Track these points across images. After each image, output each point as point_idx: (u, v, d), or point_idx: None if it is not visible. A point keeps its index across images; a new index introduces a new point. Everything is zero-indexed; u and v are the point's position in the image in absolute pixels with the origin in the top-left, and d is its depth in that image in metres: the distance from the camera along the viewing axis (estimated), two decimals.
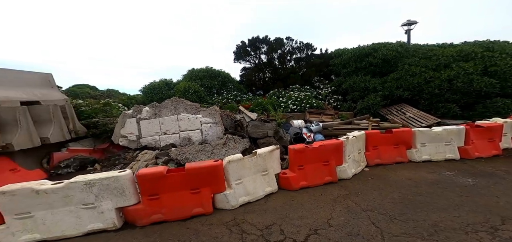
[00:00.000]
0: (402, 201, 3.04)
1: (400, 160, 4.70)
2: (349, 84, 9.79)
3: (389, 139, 4.75)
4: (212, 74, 10.33)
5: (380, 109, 8.18)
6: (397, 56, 9.28)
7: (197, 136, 4.91)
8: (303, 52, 12.55)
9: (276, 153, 3.59)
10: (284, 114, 8.04)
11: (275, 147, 3.54)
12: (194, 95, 8.37)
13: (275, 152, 3.56)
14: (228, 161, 2.94)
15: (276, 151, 3.58)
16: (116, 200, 2.19)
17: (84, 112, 5.04)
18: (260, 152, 3.32)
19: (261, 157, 3.31)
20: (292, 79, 10.80)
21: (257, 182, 3.31)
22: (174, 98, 4.90)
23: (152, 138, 4.76)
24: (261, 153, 3.31)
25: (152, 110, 4.79)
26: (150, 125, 4.74)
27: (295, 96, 8.86)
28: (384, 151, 4.69)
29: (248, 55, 12.47)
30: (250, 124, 5.21)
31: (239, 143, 4.79)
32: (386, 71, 9.26)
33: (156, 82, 9.37)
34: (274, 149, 3.53)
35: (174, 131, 4.82)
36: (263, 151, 3.37)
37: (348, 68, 10.63)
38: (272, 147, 3.54)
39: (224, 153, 4.32)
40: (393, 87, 8.05)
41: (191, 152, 4.14)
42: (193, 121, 4.86)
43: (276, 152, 3.58)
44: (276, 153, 3.60)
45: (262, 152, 3.33)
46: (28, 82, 4.04)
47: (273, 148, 3.50)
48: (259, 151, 3.35)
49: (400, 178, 3.91)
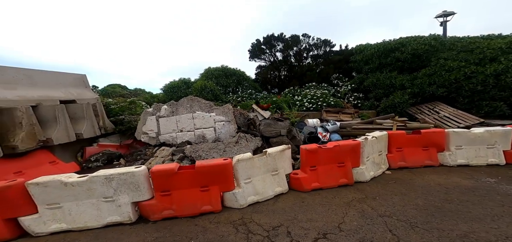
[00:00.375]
0: (427, 208, 2.73)
1: (430, 163, 4.23)
2: (371, 81, 9.14)
3: (417, 141, 4.30)
4: (227, 73, 10.51)
5: (408, 108, 7.47)
6: (430, 51, 8.40)
7: (211, 134, 5.05)
8: (321, 49, 12.04)
9: (287, 152, 3.50)
10: (299, 113, 7.83)
11: (286, 147, 3.46)
12: (210, 93, 8.61)
13: (286, 151, 3.47)
14: (237, 160, 2.96)
15: (287, 150, 3.49)
16: (132, 195, 2.35)
17: (113, 110, 5.54)
18: (270, 151, 3.27)
19: (271, 157, 3.26)
20: (309, 77, 10.45)
21: (267, 182, 3.27)
22: (190, 97, 5.10)
23: (169, 135, 5.02)
24: (271, 153, 3.26)
25: (170, 108, 5.05)
26: (168, 123, 5.01)
27: (311, 94, 8.56)
28: (410, 153, 4.27)
29: (263, 54, 12.40)
30: (263, 123, 5.17)
31: (251, 142, 4.80)
32: (416, 67, 8.47)
33: (175, 81, 9.86)
34: (285, 149, 3.45)
35: (190, 129, 5.02)
36: (274, 150, 3.31)
37: (370, 65, 9.97)
38: (283, 146, 3.46)
39: (236, 151, 4.36)
40: (425, 84, 7.27)
41: (204, 150, 4.27)
42: (207, 119, 5.00)
43: (287, 151, 3.50)
44: (288, 152, 3.52)
45: (273, 152, 3.27)
46: (65, 83, 4.60)
47: (284, 147, 3.43)
48: (269, 150, 3.30)
49: (428, 182, 3.53)
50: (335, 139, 5.42)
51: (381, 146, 4.16)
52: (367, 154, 3.82)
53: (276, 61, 12.47)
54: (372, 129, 5.91)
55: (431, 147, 4.29)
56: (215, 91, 9.00)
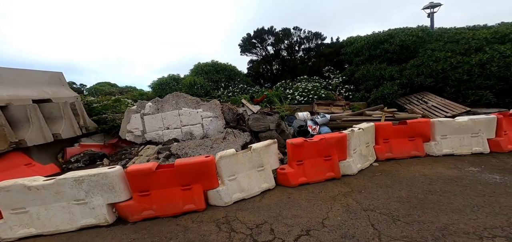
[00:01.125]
0: (410, 200, 2.74)
1: (416, 154, 4.27)
2: (362, 73, 9.16)
3: (403, 131, 4.32)
4: (218, 68, 10.28)
5: (398, 99, 7.53)
6: (418, 42, 8.45)
7: (198, 130, 4.92)
8: (312, 42, 11.93)
9: (273, 147, 3.43)
10: (291, 107, 7.77)
11: (272, 141, 3.39)
12: (200, 89, 8.42)
13: (272, 146, 3.41)
14: (220, 157, 2.87)
15: (273, 145, 3.43)
16: (107, 196, 2.24)
17: (95, 109, 5.31)
18: (255, 147, 3.19)
19: (256, 152, 3.19)
20: (300, 70, 10.35)
21: (253, 178, 3.21)
22: (175, 93, 4.93)
23: (155, 133, 4.87)
24: (256, 148, 3.18)
25: (155, 105, 4.87)
26: (153, 120, 4.84)
27: (303, 87, 8.49)
28: (397, 144, 4.29)
29: (254, 48, 12.18)
30: (251, 117, 5.08)
31: (239, 137, 4.71)
32: (404, 58, 8.53)
33: (164, 77, 9.58)
34: (271, 144, 3.38)
35: (176, 126, 4.88)
36: (259, 145, 3.23)
37: (361, 57, 10.01)
38: (269, 141, 3.39)
39: (224, 148, 4.27)
40: (413, 74, 7.32)
41: (191, 147, 4.15)
42: (194, 115, 4.86)
43: (273, 146, 3.43)
44: (274, 147, 3.45)
45: (257, 147, 3.20)
46: (39, 81, 4.34)
47: (270, 142, 3.36)
48: (254, 145, 3.22)
49: (413, 174, 3.55)
50: (325, 131, 5.40)
51: (368, 137, 4.15)
52: (354, 146, 3.80)
53: (268, 55, 12.27)
54: (361, 120, 5.92)
55: (417, 137, 4.32)
56: (205, 87, 8.80)
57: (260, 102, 7.66)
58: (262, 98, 7.90)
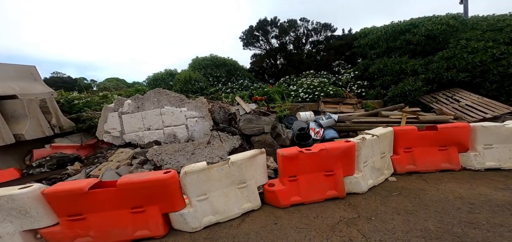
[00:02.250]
0: (442, 236, 1.98)
1: (448, 167, 3.42)
2: (377, 67, 8.17)
3: (431, 138, 3.46)
4: (217, 63, 9.72)
5: (422, 97, 6.52)
6: (448, 31, 7.35)
7: (183, 132, 4.37)
8: (321, 34, 10.98)
9: (260, 159, 2.77)
10: (294, 105, 7.01)
11: (258, 152, 2.73)
12: (195, 85, 7.90)
13: (258, 158, 2.74)
14: (185, 173, 2.26)
15: (259, 156, 2.76)
16: (20, 223, 1.74)
17: (76, 106, 4.96)
18: (235, 159, 2.55)
19: (236, 166, 2.55)
20: (306, 64, 9.51)
21: (231, 197, 2.58)
22: (157, 90, 4.41)
23: (135, 134, 4.39)
24: (235, 161, 2.54)
25: (135, 103, 4.39)
26: (133, 120, 4.36)
27: (308, 83, 7.69)
28: (422, 155, 3.46)
29: (258, 41, 11.45)
30: (242, 118, 4.44)
31: (227, 141, 4.09)
32: (430, 50, 7.48)
33: (160, 73, 9.20)
34: (257, 154, 2.71)
35: (158, 126, 4.36)
36: (239, 157, 2.59)
37: (377, 49, 9.02)
38: (254, 151, 2.73)
39: (207, 154, 3.68)
40: (442, 68, 6.27)
41: (169, 152, 3.60)
42: (177, 115, 4.31)
43: (260, 158, 2.77)
44: (260, 159, 2.78)
45: (238, 160, 2.56)
46: (5, 76, 4.01)
47: (255, 153, 2.70)
48: (234, 157, 2.58)
49: (444, 194, 2.75)
50: (330, 135, 4.62)
51: (384, 146, 3.35)
52: (365, 158, 3.04)
53: (272, 49, 11.51)
54: (376, 123, 5.07)
55: (451, 146, 3.45)
56: (201, 83, 8.28)
57: (261, 100, 6.96)
58: (261, 98, 7.17)
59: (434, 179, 3.21)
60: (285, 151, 2.79)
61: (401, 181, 3.25)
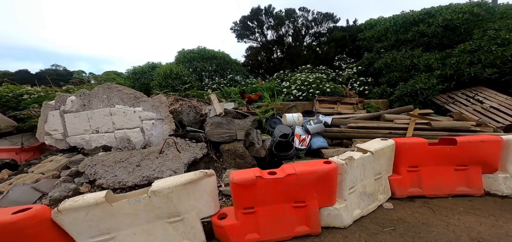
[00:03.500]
0: None
1: (466, 191, 2.65)
2: (384, 62, 7.27)
3: (447, 155, 2.68)
4: (205, 56, 8.96)
5: (436, 96, 5.64)
6: (472, 21, 6.41)
7: (138, 137, 3.68)
8: (321, 25, 10.04)
9: (205, 184, 2.04)
10: (285, 104, 6.23)
11: (201, 175, 1.99)
12: (176, 80, 7.20)
13: (202, 183, 2.01)
14: (64, 209, 1.55)
15: (204, 181, 2.03)
16: None
17: (24, 101, 4.35)
18: (159, 187, 1.83)
19: (161, 196, 1.83)
20: (303, 58, 8.63)
21: (157, 236, 1.88)
22: (107, 85, 3.72)
23: (80, 137, 3.73)
24: (160, 189, 1.82)
25: (80, 100, 3.71)
26: (77, 120, 3.70)
27: (302, 79, 6.85)
28: (432, 175, 2.69)
29: (253, 33, 10.59)
30: (210, 121, 3.70)
31: (187, 150, 3.38)
32: (449, 43, 6.58)
33: (140, 66, 8.53)
34: (198, 179, 1.98)
35: (107, 129, 3.69)
36: (168, 184, 1.87)
37: (384, 42, 8.13)
38: (193, 175, 2.00)
39: (157, 166, 2.98)
40: (463, 63, 5.36)
41: (107, 163, 2.92)
42: (130, 116, 3.62)
43: (205, 183, 2.03)
44: (207, 184, 2.05)
45: (164, 187, 1.83)
46: None
47: (195, 177, 1.96)
48: (159, 184, 1.87)
49: (457, 233, 2.03)
50: (317, 144, 3.84)
51: (381, 165, 2.57)
52: (352, 183, 2.28)
53: (268, 41, 10.64)
54: (376, 129, 4.24)
55: (473, 166, 2.64)
56: (184, 77, 7.55)
57: (254, 100, 6.14)
58: (256, 96, 6.33)
59: (444, 208, 2.44)
60: (238, 174, 2.06)
61: (400, 209, 2.49)
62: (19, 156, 3.83)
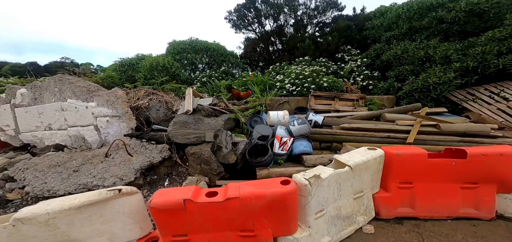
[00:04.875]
0: None
1: (471, 214, 2.08)
2: (394, 53, 6.46)
3: (452, 170, 2.06)
4: (196, 47, 8.46)
5: (452, 92, 4.83)
6: (504, 3, 5.48)
7: (93, 136, 3.27)
8: (324, 15, 9.22)
9: (119, 204, 1.57)
10: (276, 99, 5.62)
11: (107, 195, 1.52)
12: (163, 73, 6.77)
13: (113, 203, 1.55)
14: None
15: (117, 201, 1.56)
16: None
17: None
18: (32, 214, 1.38)
19: (35, 224, 1.37)
20: (301, 50, 7.90)
21: None
22: (59, 76, 3.32)
23: (32, 134, 3.39)
24: (32, 216, 1.37)
25: (31, 93, 3.35)
26: (28, 115, 3.34)
27: (297, 72, 6.19)
28: (429, 193, 2.12)
29: (249, 23, 9.92)
30: (174, 121, 3.21)
31: (142, 153, 2.92)
32: (472, 30, 5.74)
33: (128, 58, 8.17)
34: (104, 199, 1.50)
35: (60, 126, 3.31)
36: (48, 208, 1.40)
37: (395, 30, 7.30)
38: (92, 195, 1.53)
39: (99, 172, 2.54)
40: (490, 53, 4.51)
41: (41, 168, 2.52)
42: (82, 112, 3.20)
43: (119, 203, 1.56)
44: (122, 204, 1.58)
45: (40, 213, 1.37)
46: None
47: (95, 199, 1.49)
48: (28, 211, 1.40)
49: None
50: (299, 149, 3.25)
51: (363, 181, 1.98)
52: (320, 205, 1.73)
53: (266, 32, 9.95)
54: (373, 131, 3.57)
55: (486, 183, 1.99)
56: (173, 70, 7.11)
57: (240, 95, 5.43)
58: (246, 94, 5.58)
59: (438, 235, 1.89)
60: (160, 197, 1.55)
61: (382, 235, 1.95)
62: None
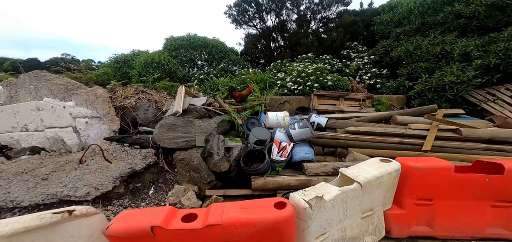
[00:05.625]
0: None
1: (501, 235, 1.75)
2: (405, 50, 6.05)
3: (483, 186, 1.68)
4: (194, 44, 8.13)
5: (471, 92, 4.43)
6: None
7: (72, 138, 2.99)
8: (328, 9, 8.79)
9: (69, 229, 1.28)
10: (276, 99, 5.29)
11: (50, 220, 1.22)
12: (158, 69, 6.47)
13: (60, 228, 1.27)
14: None
15: (67, 225, 1.26)
16: None
17: None
18: None
19: None
20: (304, 46, 7.51)
21: None
22: (34, 72, 3.04)
23: (8, 135, 3.13)
24: None
25: (7, 91, 3.09)
26: (4, 115, 3.08)
27: (299, 70, 5.83)
28: (452, 211, 1.79)
29: (250, 18, 9.53)
30: (160, 123, 2.90)
31: (122, 160, 2.61)
32: (493, 25, 5.37)
33: (123, 54, 7.90)
34: (45, 225, 1.20)
35: (37, 127, 3.03)
36: None
37: (406, 26, 6.90)
38: (29, 219, 1.20)
39: (71, 181, 2.25)
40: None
41: (4, 176, 2.27)
42: (59, 112, 2.92)
43: (69, 227, 1.29)
44: (73, 228, 1.29)
45: None
46: None
47: (30, 225, 1.17)
48: None
49: None
50: (300, 156, 2.91)
51: (373, 198, 1.65)
52: (322, 229, 1.41)
53: (267, 27, 9.55)
54: (383, 136, 3.19)
55: None
56: (169, 67, 6.81)
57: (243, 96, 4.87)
58: (247, 92, 5.00)
59: None
60: (124, 220, 1.23)
61: None
62: None
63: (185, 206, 2.51)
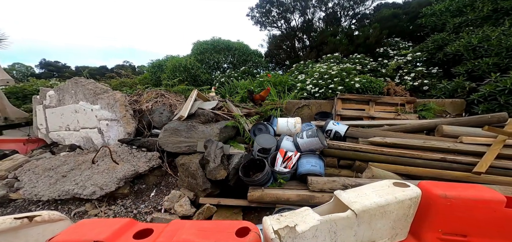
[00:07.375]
0: None
1: None
2: (466, 43, 4.79)
3: None
4: (218, 47, 8.33)
5: None
6: None
7: (98, 138, 3.35)
8: (362, 4, 7.77)
9: (30, 234, 1.27)
10: (295, 102, 4.87)
11: (10, 225, 1.22)
12: (184, 73, 6.86)
13: (19, 234, 1.25)
14: None
15: (29, 230, 1.26)
16: None
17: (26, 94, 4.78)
18: None
19: None
20: (330, 45, 6.76)
21: None
22: (74, 79, 3.51)
23: (57, 134, 3.72)
24: None
25: (57, 95, 3.67)
26: (54, 116, 3.68)
27: (321, 71, 5.25)
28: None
29: (273, 19, 9.24)
30: (165, 127, 2.94)
31: (128, 162, 2.73)
32: None
33: (159, 59, 8.68)
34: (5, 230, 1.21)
35: (75, 127, 3.50)
36: None
37: (468, 15, 5.53)
38: None
39: (82, 179, 2.46)
40: None
41: (37, 171, 2.65)
42: (89, 115, 3.30)
43: (30, 233, 1.27)
44: (34, 234, 1.28)
45: None
46: None
47: None
48: None
49: None
50: (306, 168, 2.51)
51: (376, 229, 1.25)
52: None
53: (292, 27, 9.09)
54: (419, 150, 2.47)
55: None
56: (194, 71, 7.15)
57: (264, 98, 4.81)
58: (265, 93, 4.92)
59: None
60: (69, 233, 1.19)
61: None
62: (26, 146, 4.14)
63: (177, 213, 2.45)
